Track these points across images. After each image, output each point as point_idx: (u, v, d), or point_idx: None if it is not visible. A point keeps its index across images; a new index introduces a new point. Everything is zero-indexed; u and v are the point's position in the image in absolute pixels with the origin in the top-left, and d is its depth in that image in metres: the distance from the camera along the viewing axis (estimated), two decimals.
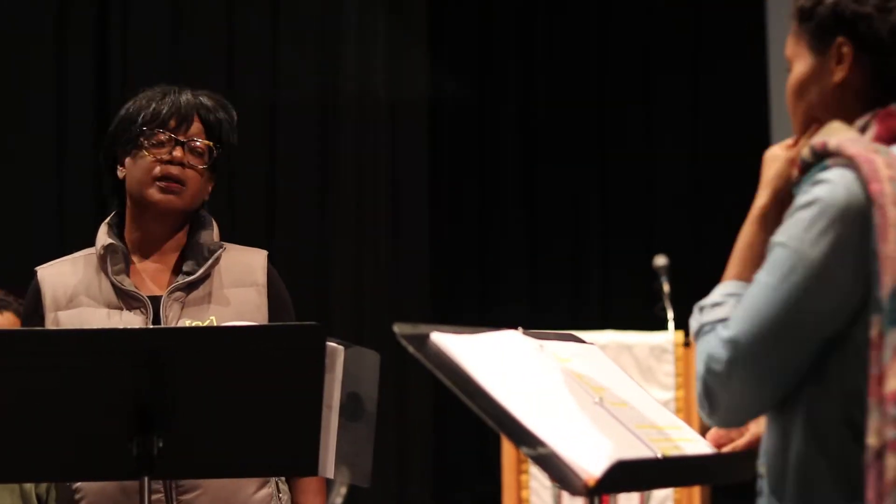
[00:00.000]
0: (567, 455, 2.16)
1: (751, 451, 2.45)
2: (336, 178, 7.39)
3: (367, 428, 2.94)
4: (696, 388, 2.14)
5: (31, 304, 3.21)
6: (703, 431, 2.58)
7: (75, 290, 3.17)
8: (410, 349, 2.23)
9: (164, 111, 3.18)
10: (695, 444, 2.48)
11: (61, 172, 7.07)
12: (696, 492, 5.21)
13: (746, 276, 2.17)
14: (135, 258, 3.22)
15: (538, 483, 5.31)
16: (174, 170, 3.17)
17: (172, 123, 3.18)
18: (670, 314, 5.57)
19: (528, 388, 2.29)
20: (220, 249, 3.22)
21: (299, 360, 2.60)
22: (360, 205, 7.39)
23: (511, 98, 7.73)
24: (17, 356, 2.54)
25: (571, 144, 7.68)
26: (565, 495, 5.23)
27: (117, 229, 3.23)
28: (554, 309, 7.37)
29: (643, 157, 7.68)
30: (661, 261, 5.86)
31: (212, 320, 3.14)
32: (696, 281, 7.35)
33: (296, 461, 2.70)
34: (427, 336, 2.26)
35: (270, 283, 3.25)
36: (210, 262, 3.18)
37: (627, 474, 2.18)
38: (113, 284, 3.15)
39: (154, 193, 3.18)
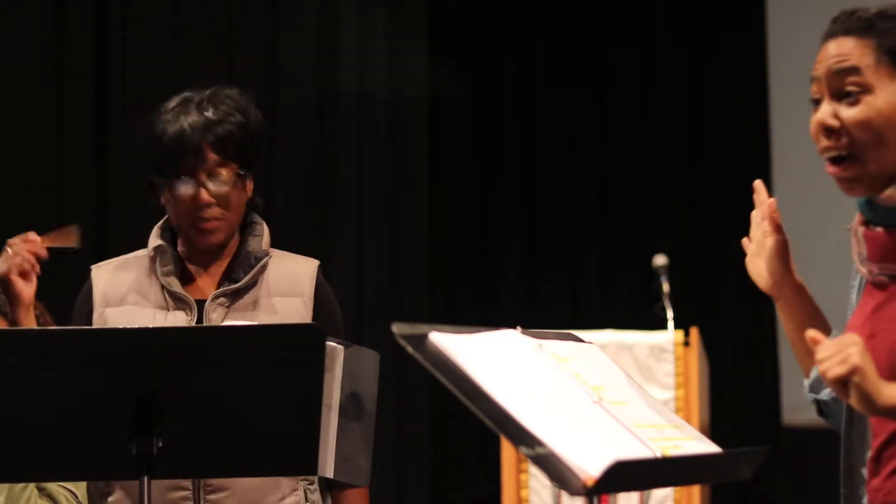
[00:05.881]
0: (566, 455, 2.15)
1: (751, 450, 2.45)
2: (336, 178, 7.39)
3: (367, 427, 2.94)
4: None
5: (81, 301, 3.25)
6: (704, 431, 2.58)
7: (126, 289, 3.20)
8: (409, 349, 2.22)
9: (176, 151, 3.12)
10: (695, 444, 2.48)
11: (61, 173, 7.06)
12: (696, 492, 5.20)
13: None
14: (186, 263, 3.24)
15: (538, 483, 5.31)
16: (207, 213, 3.15)
17: (188, 163, 3.12)
18: (670, 314, 5.57)
19: (527, 387, 2.28)
20: (267, 258, 3.22)
21: (299, 360, 2.60)
22: (360, 204, 7.39)
23: (511, 97, 7.73)
24: (17, 355, 2.54)
25: (571, 144, 7.68)
26: (565, 495, 5.23)
27: (169, 232, 3.24)
28: (554, 309, 7.37)
29: (643, 156, 7.67)
30: (660, 260, 5.86)
31: None
32: (696, 281, 7.39)
33: (295, 461, 2.70)
34: (425, 336, 2.26)
35: (318, 294, 3.25)
36: (255, 270, 3.19)
37: (626, 474, 2.18)
38: (162, 286, 3.18)
39: (196, 237, 3.18)
